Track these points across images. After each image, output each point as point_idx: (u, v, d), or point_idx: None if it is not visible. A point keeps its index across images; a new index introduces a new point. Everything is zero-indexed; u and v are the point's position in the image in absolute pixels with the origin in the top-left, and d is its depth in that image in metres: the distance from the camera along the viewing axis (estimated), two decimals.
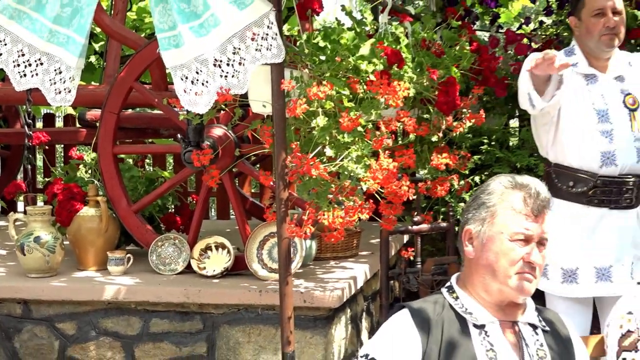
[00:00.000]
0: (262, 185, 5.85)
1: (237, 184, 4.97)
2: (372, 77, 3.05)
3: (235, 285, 3.98)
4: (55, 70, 3.20)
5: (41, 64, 3.20)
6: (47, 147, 6.53)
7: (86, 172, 4.70)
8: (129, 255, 4.29)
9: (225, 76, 3.02)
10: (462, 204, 4.96)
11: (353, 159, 2.99)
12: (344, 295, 3.88)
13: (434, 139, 3.29)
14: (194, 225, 4.31)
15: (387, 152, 3.03)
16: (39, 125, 7.75)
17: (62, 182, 4.61)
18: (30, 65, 3.21)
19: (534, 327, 2.42)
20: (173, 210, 5.09)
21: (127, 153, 5.19)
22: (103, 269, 4.34)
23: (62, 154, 7.48)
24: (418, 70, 3.22)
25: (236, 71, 3.02)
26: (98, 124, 4.44)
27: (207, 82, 3.03)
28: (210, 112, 3.20)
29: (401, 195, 3.03)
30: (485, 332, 2.36)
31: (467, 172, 3.46)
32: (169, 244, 4.26)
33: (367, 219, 3.07)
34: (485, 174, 5.24)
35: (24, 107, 5.32)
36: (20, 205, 7.06)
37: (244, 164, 4.25)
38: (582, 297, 3.49)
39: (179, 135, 4.07)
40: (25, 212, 4.38)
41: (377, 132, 3.04)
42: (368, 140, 3.02)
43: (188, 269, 4.20)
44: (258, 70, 3.08)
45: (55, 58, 3.19)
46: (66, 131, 6.58)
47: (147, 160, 7.54)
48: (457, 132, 3.34)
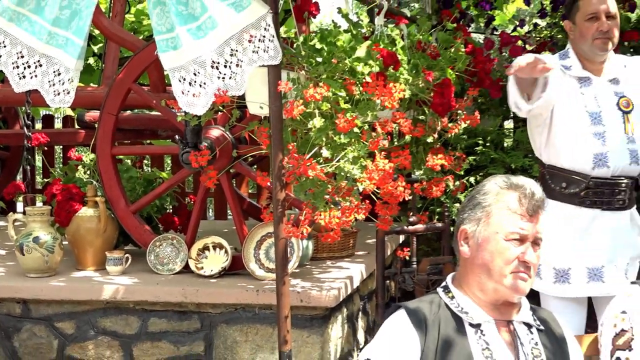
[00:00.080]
0: (259, 185, 5.80)
1: (234, 185, 4.98)
2: (368, 79, 3.05)
3: (233, 285, 3.97)
4: (54, 72, 3.20)
5: (40, 65, 3.20)
6: (46, 148, 6.50)
7: (85, 172, 4.70)
8: (127, 255, 4.28)
9: (223, 78, 3.03)
10: (457, 205, 4.96)
11: (349, 160, 3.00)
12: (341, 294, 3.88)
13: (430, 140, 3.29)
14: (191, 225, 4.30)
15: (383, 153, 3.03)
16: (38, 126, 7.75)
17: (61, 183, 4.60)
18: (29, 67, 3.20)
19: (529, 326, 2.43)
20: (171, 210, 5.07)
21: (125, 154, 5.19)
22: (102, 268, 4.33)
23: (61, 155, 7.47)
24: (414, 72, 3.23)
25: (234, 73, 3.03)
26: (97, 125, 4.43)
27: (204, 83, 3.04)
28: (207, 113, 3.20)
29: (397, 196, 3.04)
30: (481, 331, 2.37)
31: (462, 172, 3.47)
32: (167, 244, 4.26)
33: (363, 219, 3.09)
34: (480, 174, 5.23)
35: (23, 108, 5.34)
36: (19, 206, 7.02)
37: (241, 165, 4.24)
38: (576, 297, 3.50)
39: (177, 137, 4.07)
40: (24, 213, 4.38)
41: (373, 133, 3.04)
42: (364, 141, 3.02)
43: (186, 269, 4.20)
44: (255, 72, 3.09)
45: (54, 60, 3.19)
46: (65, 132, 6.58)
47: (145, 161, 7.51)
48: (452, 133, 3.34)
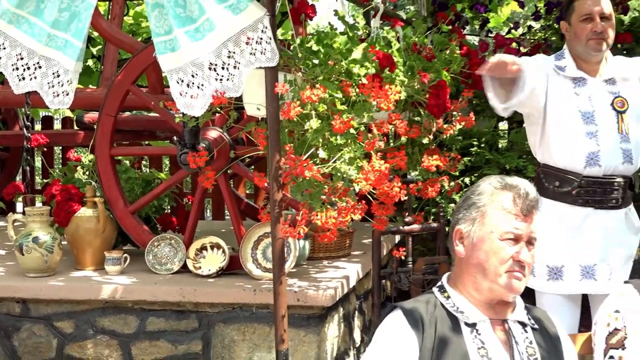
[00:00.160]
0: (256, 186, 5.78)
1: (232, 185, 5.00)
2: (364, 81, 3.06)
3: (230, 284, 3.98)
4: (53, 73, 3.21)
5: (40, 67, 3.21)
6: (45, 149, 6.53)
7: (84, 173, 4.71)
8: (125, 255, 4.29)
9: (221, 79, 3.03)
10: (452, 205, 4.96)
11: (346, 161, 3.00)
12: (337, 294, 3.89)
13: (425, 141, 3.30)
14: (189, 225, 4.32)
15: (379, 153, 3.04)
16: (38, 127, 7.75)
17: (60, 184, 4.61)
18: (29, 68, 3.21)
19: (524, 325, 2.45)
20: (169, 210, 5.07)
21: (124, 155, 5.20)
22: (100, 268, 4.34)
23: (61, 156, 7.47)
24: (409, 73, 3.24)
25: (231, 74, 3.04)
26: (95, 127, 4.44)
27: (202, 85, 3.04)
28: (205, 114, 3.21)
29: (393, 196, 3.04)
30: (477, 330, 2.39)
31: (457, 173, 3.47)
32: (165, 244, 4.27)
33: (359, 220, 3.07)
34: (475, 175, 5.24)
35: (22, 109, 5.33)
36: (19, 206, 7.01)
37: (238, 166, 4.25)
38: (570, 294, 3.52)
39: (175, 138, 4.08)
40: (24, 213, 4.38)
41: (369, 135, 3.05)
42: (360, 142, 3.03)
43: (184, 269, 4.21)
44: (252, 73, 3.10)
45: (53, 62, 3.20)
46: (64, 133, 6.60)
47: (143, 162, 7.53)
48: (448, 135, 3.36)
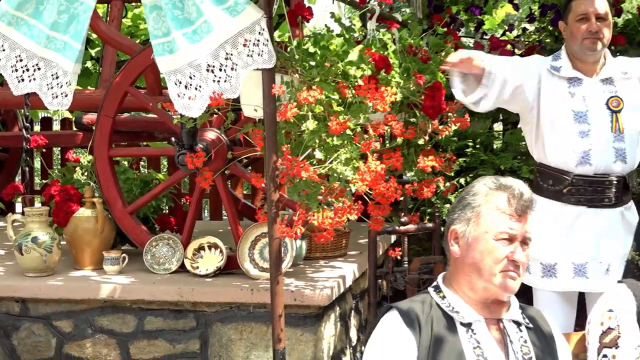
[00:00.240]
0: (253, 187, 5.80)
1: (229, 186, 5.01)
2: (360, 82, 3.06)
3: (228, 284, 4.00)
4: (52, 75, 3.20)
5: (39, 69, 3.20)
6: (44, 150, 6.55)
7: (82, 174, 4.70)
8: (124, 255, 4.31)
9: (218, 81, 3.04)
10: (447, 205, 4.96)
11: (342, 162, 3.01)
12: (333, 293, 3.91)
13: (421, 142, 3.31)
14: (187, 225, 4.33)
15: (375, 154, 3.05)
16: (37, 128, 7.72)
17: (59, 184, 4.62)
18: (28, 70, 3.20)
19: (518, 324, 2.46)
20: (167, 211, 5.08)
21: (122, 155, 5.22)
22: (99, 268, 4.35)
23: (59, 157, 7.48)
24: (405, 75, 3.25)
25: (228, 76, 3.04)
26: (94, 128, 4.46)
27: (200, 86, 3.04)
28: (203, 116, 3.21)
29: (389, 197, 3.06)
30: (472, 330, 2.40)
31: (452, 174, 3.48)
32: (163, 244, 4.29)
33: (355, 220, 3.09)
34: (470, 176, 5.24)
35: (22, 111, 5.34)
36: (18, 207, 6.98)
37: (236, 167, 4.26)
38: (566, 292, 3.54)
39: (173, 139, 4.09)
40: (23, 213, 4.39)
41: (366, 136, 3.06)
42: (357, 143, 3.03)
43: (182, 269, 4.22)
44: (250, 75, 3.10)
45: (52, 63, 3.19)
46: (63, 134, 6.61)
47: (142, 163, 7.55)
48: (443, 136, 3.36)
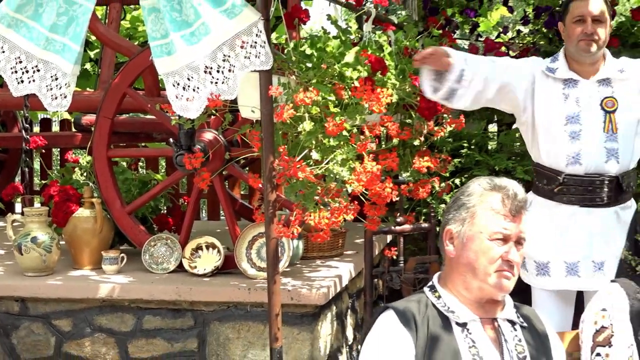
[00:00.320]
0: (251, 187, 5.79)
1: (227, 186, 5.03)
2: (356, 84, 3.09)
3: (225, 283, 4.01)
4: (51, 76, 3.22)
5: (38, 70, 3.22)
6: (44, 150, 6.56)
7: (81, 174, 4.71)
8: (122, 254, 4.32)
9: (216, 82, 3.05)
10: (443, 206, 4.95)
11: (338, 162, 3.03)
12: (330, 293, 3.92)
13: (416, 143, 3.33)
14: (185, 225, 4.34)
15: (371, 155, 3.07)
16: (36, 129, 7.71)
17: (59, 185, 4.63)
18: (27, 71, 3.22)
19: (513, 323, 2.47)
20: (165, 211, 5.10)
21: (121, 156, 5.23)
22: (98, 268, 4.36)
23: (59, 158, 7.49)
24: (401, 77, 3.27)
25: (226, 78, 3.05)
26: (93, 129, 4.47)
27: (198, 88, 3.06)
28: (201, 117, 3.23)
29: (385, 197, 3.07)
30: (467, 329, 2.41)
31: (447, 174, 3.50)
32: (161, 244, 4.30)
33: (352, 220, 3.11)
34: (465, 176, 5.23)
35: (21, 112, 5.34)
36: (17, 207, 6.97)
37: (233, 167, 4.28)
38: (562, 291, 3.54)
39: (171, 140, 4.10)
40: (22, 214, 4.40)
41: (362, 137, 3.08)
42: (353, 144, 3.05)
43: (180, 268, 4.23)
44: (247, 76, 3.12)
45: (51, 65, 3.21)
46: (62, 135, 6.58)
47: (140, 163, 7.56)
48: (438, 137, 3.39)
